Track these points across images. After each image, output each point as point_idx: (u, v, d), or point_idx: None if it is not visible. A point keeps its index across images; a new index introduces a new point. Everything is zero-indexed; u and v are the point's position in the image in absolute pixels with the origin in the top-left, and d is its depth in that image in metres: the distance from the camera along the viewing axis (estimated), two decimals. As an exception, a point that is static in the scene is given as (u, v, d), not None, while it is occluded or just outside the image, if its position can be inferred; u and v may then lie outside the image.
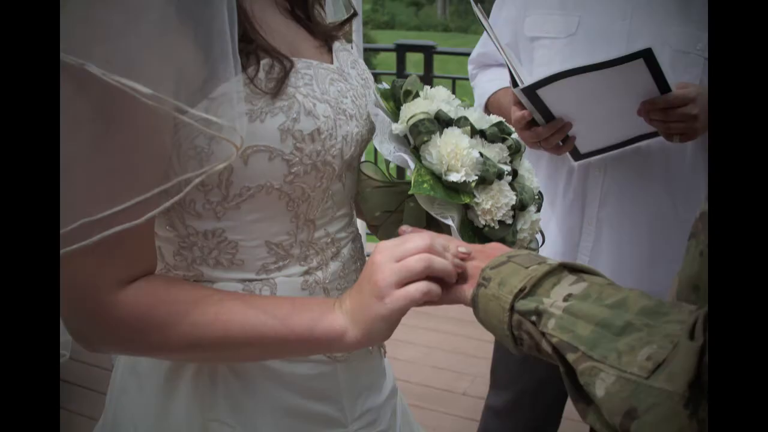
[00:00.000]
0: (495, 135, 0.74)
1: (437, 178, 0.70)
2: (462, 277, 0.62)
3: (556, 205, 1.29)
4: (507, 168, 0.73)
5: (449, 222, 0.68)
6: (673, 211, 1.22)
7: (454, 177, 0.69)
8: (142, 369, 0.73)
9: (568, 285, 0.54)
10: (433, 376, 2.31)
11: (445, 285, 0.62)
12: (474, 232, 0.72)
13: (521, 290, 0.55)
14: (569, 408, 1.41)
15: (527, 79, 1.11)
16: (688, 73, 1.13)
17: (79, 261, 0.56)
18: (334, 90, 0.68)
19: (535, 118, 1.16)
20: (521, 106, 1.15)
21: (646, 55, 1.02)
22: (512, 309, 0.55)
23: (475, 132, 0.73)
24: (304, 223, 0.69)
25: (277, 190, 0.64)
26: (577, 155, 1.24)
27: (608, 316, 0.50)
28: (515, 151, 0.75)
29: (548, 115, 1.15)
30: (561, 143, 1.20)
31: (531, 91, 1.10)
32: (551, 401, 1.43)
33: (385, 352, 0.85)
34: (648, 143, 1.19)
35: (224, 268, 0.67)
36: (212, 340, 0.61)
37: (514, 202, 0.71)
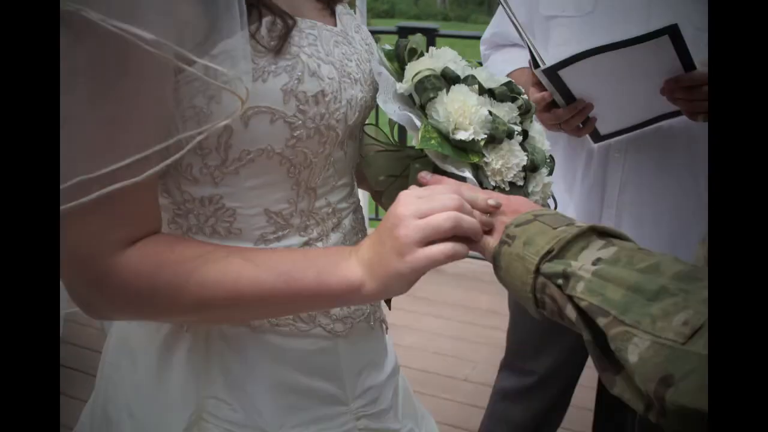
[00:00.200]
0: (504, 94, 0.73)
1: (444, 137, 0.68)
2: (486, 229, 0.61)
3: (575, 189, 1.27)
4: (517, 128, 0.71)
5: (466, 173, 0.67)
6: (696, 193, 1.20)
7: (462, 135, 0.67)
8: (135, 344, 0.72)
9: (596, 249, 0.53)
10: (435, 362, 2.31)
11: (470, 241, 0.60)
12: None
13: (548, 252, 0.54)
14: (576, 396, 1.45)
15: (548, 59, 1.10)
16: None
17: (79, 222, 0.56)
18: (338, 52, 0.67)
19: (556, 100, 1.14)
20: (540, 87, 1.14)
21: (672, 32, 1.00)
22: (537, 271, 0.55)
23: (483, 91, 0.71)
24: (305, 191, 0.68)
25: (278, 154, 0.63)
26: (597, 137, 1.22)
27: (640, 280, 0.49)
28: (525, 112, 0.73)
29: (569, 96, 1.14)
30: (581, 125, 1.18)
31: (552, 72, 1.09)
32: (563, 386, 1.43)
33: (387, 328, 0.84)
34: (670, 123, 1.18)
35: (221, 237, 0.66)
36: (222, 299, 0.59)
37: (525, 163, 0.70)
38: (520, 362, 1.45)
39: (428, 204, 0.59)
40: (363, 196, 0.87)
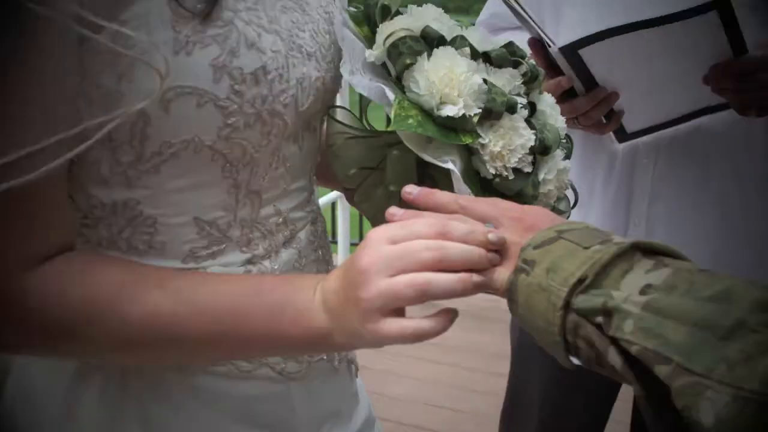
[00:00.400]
0: (503, 58, 0.67)
1: (427, 113, 0.64)
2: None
3: (594, 201, 1.21)
4: (521, 100, 0.67)
5: (449, 165, 0.62)
6: (743, 208, 1.14)
7: (449, 110, 0.63)
8: (38, 384, 0.68)
9: (644, 272, 0.50)
10: (431, 417, 2.25)
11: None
12: (482, 185, 0.67)
13: (581, 280, 0.50)
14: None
15: (560, 38, 1.04)
16: (765, 32, 1.04)
17: None
18: (286, 20, 0.63)
19: (575, 87, 1.08)
20: (553, 72, 1.07)
21: (722, 7, 0.95)
22: (567, 306, 0.51)
23: (476, 55, 0.67)
24: (246, 196, 0.65)
25: (208, 148, 0.60)
26: (622, 135, 1.15)
27: (708, 314, 0.46)
28: (531, 80, 0.69)
29: (590, 82, 1.07)
30: (604, 119, 1.11)
31: (573, 51, 1.02)
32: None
33: (356, 369, 0.82)
34: (712, 120, 1.11)
35: (139, 254, 0.63)
36: (150, 339, 0.58)
37: (532, 144, 0.65)
38: (523, 412, 1.41)
39: (400, 256, 0.55)
40: (344, 213, 0.82)
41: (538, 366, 1.30)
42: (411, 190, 0.61)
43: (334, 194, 2.77)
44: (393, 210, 0.60)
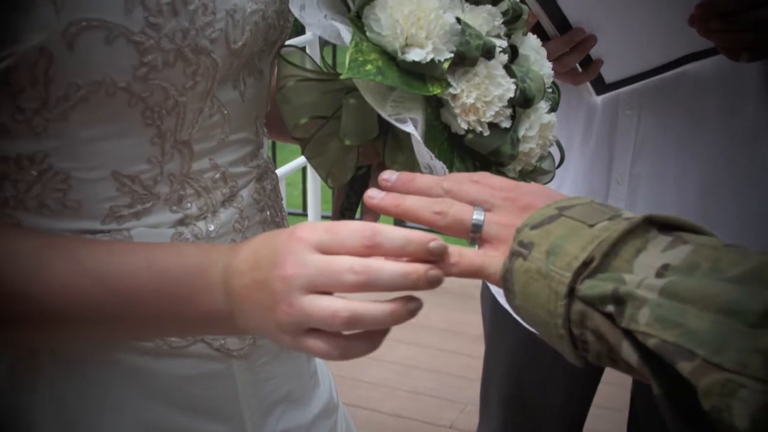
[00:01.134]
0: None
1: (390, 58, 0.63)
2: (485, 239, 0.56)
3: (570, 161, 1.21)
4: (501, 43, 0.66)
5: (408, 128, 0.62)
6: (732, 162, 1.14)
7: (415, 54, 0.62)
8: None
9: (660, 251, 0.49)
10: (409, 404, 2.26)
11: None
12: (451, 144, 0.66)
13: (586, 263, 0.49)
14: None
15: None
16: None
17: None
18: None
19: (545, 28, 1.06)
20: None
21: None
22: (572, 294, 0.50)
23: None
24: (173, 147, 0.64)
25: (123, 90, 0.59)
26: (600, 86, 1.14)
27: (737, 298, 0.44)
28: (513, 19, 0.68)
29: (563, 23, 1.06)
30: (580, 67, 1.10)
31: None
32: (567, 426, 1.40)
33: None
34: (699, 67, 1.10)
35: (51, 214, 0.62)
36: (59, 313, 0.58)
37: (512, 95, 0.65)
38: (497, 406, 1.41)
39: (323, 273, 0.53)
40: (316, 180, 0.80)
41: (505, 341, 1.35)
42: (389, 177, 0.60)
43: (303, 159, 2.74)
44: (371, 192, 0.58)
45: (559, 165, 0.74)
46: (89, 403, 0.65)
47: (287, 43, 0.73)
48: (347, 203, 0.76)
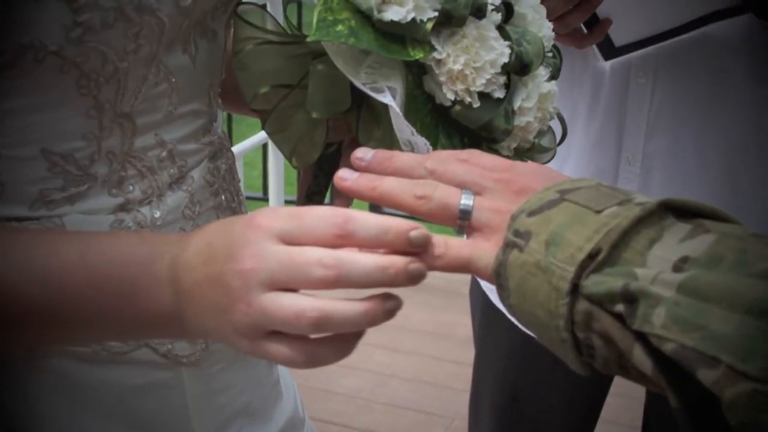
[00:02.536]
0: None
1: (365, 17, 0.64)
2: (474, 227, 0.57)
3: (575, 135, 1.21)
4: (493, 1, 0.67)
5: (386, 99, 0.63)
6: (762, 137, 1.15)
7: (394, 13, 0.63)
8: None
9: (678, 241, 0.49)
10: (388, 420, 2.28)
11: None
12: (435, 117, 0.68)
13: (592, 255, 0.50)
14: None
15: None
16: None
17: None
18: None
19: None
20: None
21: None
22: (575, 291, 0.50)
23: None
24: (113, 121, 0.65)
25: (54, 55, 0.59)
26: (609, 50, 1.15)
27: (767, 296, 0.45)
28: None
29: None
30: (585, 28, 1.10)
31: None
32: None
33: None
34: (723, 28, 1.10)
35: None
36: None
37: (506, 60, 0.66)
38: (488, 417, 1.42)
39: (287, 267, 0.53)
40: (278, 160, 0.82)
41: (498, 345, 1.36)
42: (363, 155, 0.60)
43: (264, 135, 2.74)
44: (342, 173, 0.58)
45: (560, 142, 0.74)
46: (24, 417, 0.66)
47: None
48: (315, 186, 0.77)
